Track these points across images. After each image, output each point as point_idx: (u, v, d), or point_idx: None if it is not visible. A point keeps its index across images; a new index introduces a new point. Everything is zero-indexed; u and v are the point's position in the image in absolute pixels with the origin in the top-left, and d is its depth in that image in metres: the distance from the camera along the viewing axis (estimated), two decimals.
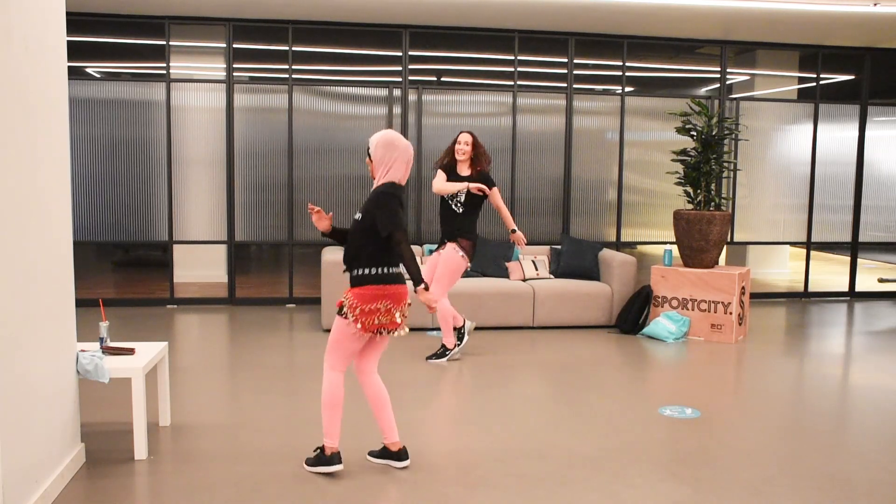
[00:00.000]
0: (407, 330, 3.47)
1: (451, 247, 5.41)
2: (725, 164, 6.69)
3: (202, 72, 7.85)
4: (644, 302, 6.55)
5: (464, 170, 5.47)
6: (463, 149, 5.39)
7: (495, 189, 5.48)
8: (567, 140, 7.86)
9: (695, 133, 6.45)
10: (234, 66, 7.43)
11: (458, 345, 5.59)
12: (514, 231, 5.58)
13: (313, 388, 4.88)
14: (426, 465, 3.59)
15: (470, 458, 3.68)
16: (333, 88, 7.63)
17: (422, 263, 6.58)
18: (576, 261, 6.99)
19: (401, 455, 3.56)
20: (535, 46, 7.83)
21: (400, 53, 7.59)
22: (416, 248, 7.04)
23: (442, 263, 5.42)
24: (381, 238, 3.38)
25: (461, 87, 7.93)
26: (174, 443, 3.84)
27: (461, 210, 5.41)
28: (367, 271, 3.39)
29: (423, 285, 3.36)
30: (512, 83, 7.74)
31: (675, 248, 6.80)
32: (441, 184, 5.42)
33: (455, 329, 5.60)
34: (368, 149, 3.50)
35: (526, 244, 5.72)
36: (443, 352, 5.57)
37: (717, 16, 6.95)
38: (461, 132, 5.47)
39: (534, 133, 7.74)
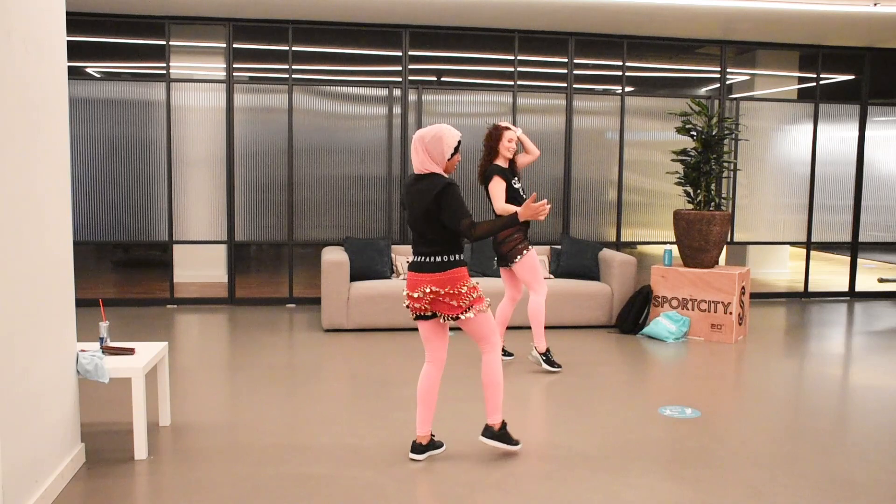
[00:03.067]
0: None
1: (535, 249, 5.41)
2: (725, 164, 6.69)
3: (202, 72, 7.85)
4: (644, 302, 6.55)
5: (505, 163, 5.23)
6: (514, 147, 5.15)
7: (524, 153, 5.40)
8: (567, 140, 7.86)
9: (695, 133, 6.45)
10: (234, 66, 7.43)
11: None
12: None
13: (313, 388, 4.88)
14: (425, 465, 3.59)
15: (469, 458, 3.68)
16: (333, 88, 7.63)
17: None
18: (576, 261, 6.99)
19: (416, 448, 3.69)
20: (535, 46, 7.83)
21: (400, 53, 7.59)
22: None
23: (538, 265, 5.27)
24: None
25: (461, 87, 7.93)
26: (174, 443, 3.84)
27: None
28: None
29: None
30: (512, 83, 7.74)
31: (675, 248, 6.80)
32: (503, 204, 4.99)
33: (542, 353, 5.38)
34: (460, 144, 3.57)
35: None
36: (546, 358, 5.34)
37: (717, 16, 6.95)
38: (506, 128, 5.16)
39: (534, 133, 7.73)
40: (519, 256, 5.14)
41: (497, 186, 5.06)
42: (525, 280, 5.21)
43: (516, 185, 5.19)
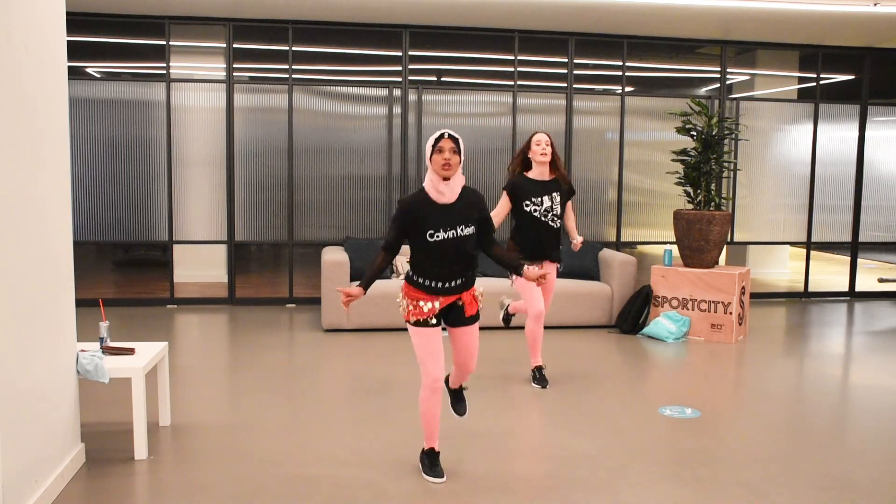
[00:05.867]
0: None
1: (555, 269, 4.90)
2: (725, 164, 6.69)
3: (202, 72, 7.85)
4: (644, 302, 6.55)
5: (542, 174, 4.76)
6: (544, 150, 4.66)
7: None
8: (567, 140, 7.86)
9: (695, 133, 6.45)
10: (234, 66, 7.43)
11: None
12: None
13: (313, 388, 4.89)
14: None
15: (470, 458, 3.68)
16: (333, 88, 7.63)
17: None
18: (576, 261, 6.98)
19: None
20: (535, 46, 7.83)
21: (400, 53, 7.59)
22: None
23: (551, 286, 4.94)
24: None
25: (461, 87, 7.93)
26: (174, 443, 3.84)
27: (558, 225, 4.81)
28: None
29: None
30: (512, 83, 7.74)
31: (675, 248, 6.80)
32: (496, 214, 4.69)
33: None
34: (460, 142, 3.33)
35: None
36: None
37: (717, 16, 6.95)
38: (535, 133, 4.77)
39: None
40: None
41: (500, 203, 4.79)
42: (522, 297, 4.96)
43: (528, 207, 4.71)
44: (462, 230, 3.32)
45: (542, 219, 4.75)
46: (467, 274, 3.42)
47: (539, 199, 4.74)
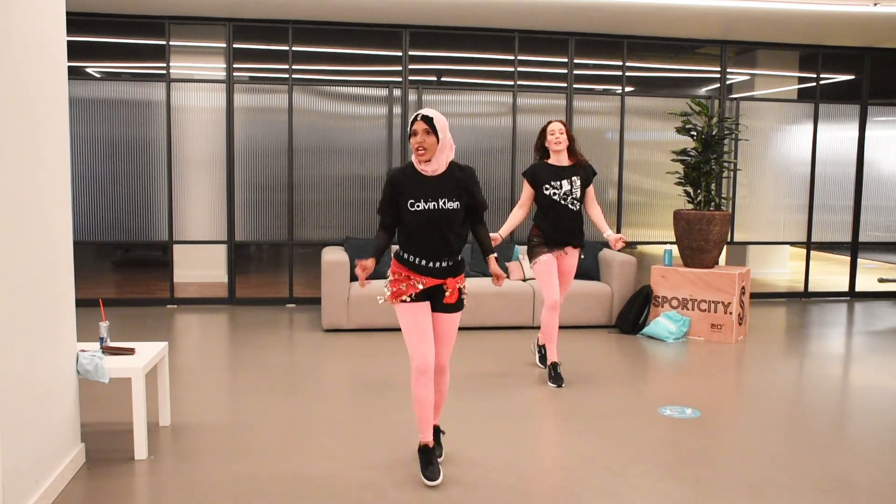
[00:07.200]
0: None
1: (577, 254, 5.04)
2: (725, 164, 6.69)
3: (202, 72, 7.85)
4: (644, 302, 6.55)
5: (561, 161, 4.89)
6: (557, 138, 4.81)
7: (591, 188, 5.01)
8: None
9: (695, 133, 6.45)
10: (234, 66, 7.43)
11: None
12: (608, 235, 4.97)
13: (313, 388, 4.88)
14: None
15: (469, 458, 3.68)
16: (333, 88, 7.63)
17: None
18: None
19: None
20: (535, 46, 7.83)
21: (400, 53, 7.59)
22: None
23: (570, 271, 5.08)
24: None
25: (461, 87, 7.93)
26: (174, 443, 3.84)
27: (577, 208, 4.90)
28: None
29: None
30: (512, 83, 7.74)
31: (675, 248, 6.80)
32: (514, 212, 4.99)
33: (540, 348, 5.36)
34: (433, 121, 3.20)
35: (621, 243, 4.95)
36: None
37: (717, 16, 6.95)
38: (549, 122, 4.90)
39: (534, 133, 7.73)
40: (535, 259, 4.95)
41: (523, 191, 4.98)
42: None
43: (548, 191, 4.84)
44: (444, 203, 3.25)
45: (562, 202, 4.87)
46: (454, 258, 3.39)
47: (558, 182, 4.86)
